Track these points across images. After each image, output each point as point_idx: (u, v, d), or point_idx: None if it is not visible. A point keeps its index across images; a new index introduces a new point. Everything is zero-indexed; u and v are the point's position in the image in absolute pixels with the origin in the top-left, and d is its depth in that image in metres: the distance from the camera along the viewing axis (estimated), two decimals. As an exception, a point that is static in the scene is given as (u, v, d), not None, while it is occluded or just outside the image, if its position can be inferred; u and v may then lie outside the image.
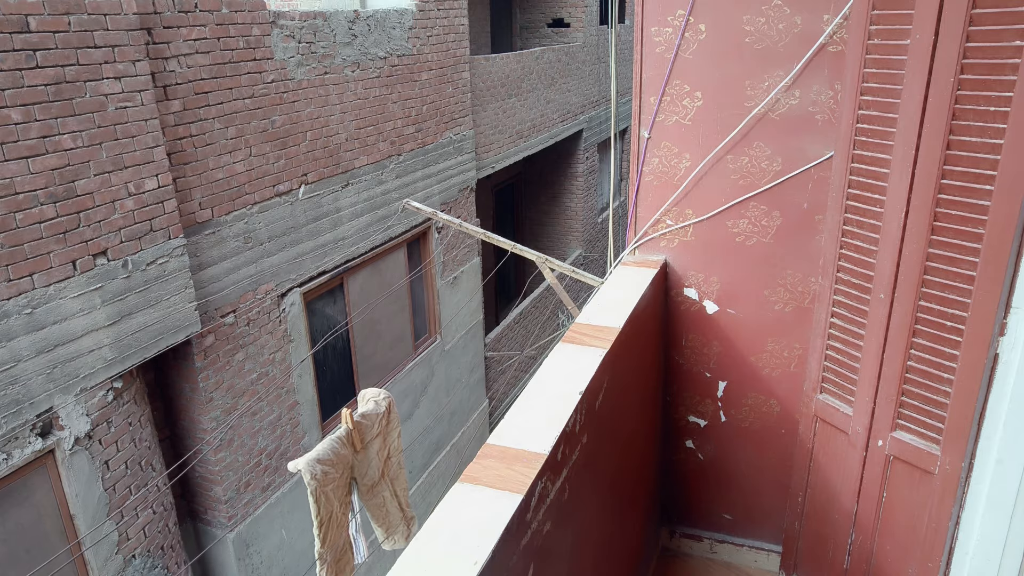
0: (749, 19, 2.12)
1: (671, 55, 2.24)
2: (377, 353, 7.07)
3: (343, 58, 5.96)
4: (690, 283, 2.58)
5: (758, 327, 2.49)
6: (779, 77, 2.14)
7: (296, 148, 5.57)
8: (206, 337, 4.91)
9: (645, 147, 2.44)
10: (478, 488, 1.33)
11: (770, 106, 2.18)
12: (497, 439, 1.49)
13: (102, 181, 4.00)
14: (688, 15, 2.18)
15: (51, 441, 3.95)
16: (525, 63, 9.50)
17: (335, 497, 3.30)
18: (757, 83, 2.18)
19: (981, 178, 1.53)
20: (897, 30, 1.64)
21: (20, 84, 3.55)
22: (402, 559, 1.17)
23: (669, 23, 2.22)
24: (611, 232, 6.76)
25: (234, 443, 5.29)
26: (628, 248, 2.66)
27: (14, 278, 3.62)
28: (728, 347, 2.59)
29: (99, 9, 3.88)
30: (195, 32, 4.59)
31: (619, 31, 12.05)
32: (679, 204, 2.48)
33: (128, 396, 4.44)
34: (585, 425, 1.68)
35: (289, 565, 5.98)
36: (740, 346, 2.56)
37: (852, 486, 2.02)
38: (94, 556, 4.27)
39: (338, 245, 6.19)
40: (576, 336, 1.93)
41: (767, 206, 2.32)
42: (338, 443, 3.35)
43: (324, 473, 3.20)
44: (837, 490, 2.10)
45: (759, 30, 2.12)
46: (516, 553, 1.30)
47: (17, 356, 3.67)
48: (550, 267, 6.15)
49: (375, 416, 3.57)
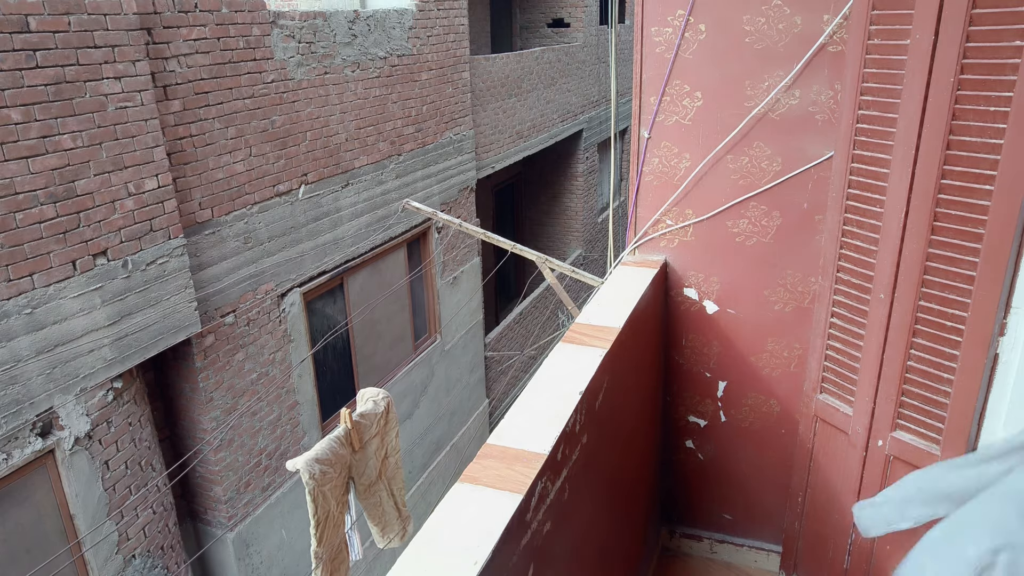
0: (749, 19, 2.12)
1: (671, 55, 2.24)
2: (377, 353, 7.07)
3: (343, 58, 5.96)
4: (690, 283, 2.58)
5: (758, 327, 2.50)
6: (779, 77, 2.14)
7: (296, 148, 5.57)
8: (206, 337, 4.91)
9: (645, 147, 2.44)
10: (478, 488, 1.33)
11: (770, 106, 2.18)
12: (497, 439, 1.49)
13: (102, 181, 4.00)
14: (688, 15, 2.18)
15: (51, 441, 3.95)
16: (525, 63, 9.50)
17: (332, 496, 3.30)
18: (757, 83, 2.18)
19: (981, 178, 1.53)
20: (897, 30, 1.64)
21: (20, 84, 3.55)
22: (402, 559, 1.17)
23: (669, 23, 2.22)
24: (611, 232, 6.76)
25: (234, 443, 5.29)
26: (628, 248, 2.66)
27: (14, 278, 3.62)
28: (728, 347, 2.59)
29: (99, 9, 3.88)
30: (195, 32, 4.59)
31: (619, 31, 12.05)
32: (679, 204, 2.48)
33: (128, 396, 4.44)
34: (585, 425, 1.68)
35: (289, 565, 5.98)
36: (740, 346, 2.56)
37: (852, 486, 2.02)
38: (94, 556, 4.27)
39: (338, 245, 6.19)
40: (576, 336, 1.93)
41: (767, 206, 2.32)
42: (336, 443, 3.35)
43: (322, 472, 3.20)
44: (837, 490, 2.10)
45: (759, 30, 2.12)
46: (516, 553, 1.30)
47: (17, 356, 3.67)
48: (550, 267, 6.16)
49: (374, 416, 3.57)
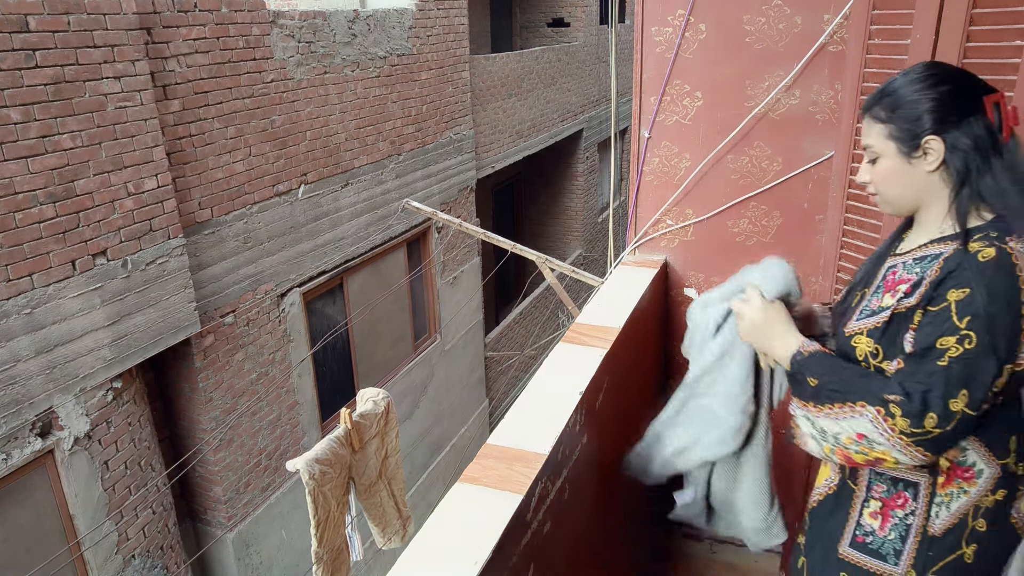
0: (749, 19, 2.12)
1: (671, 55, 2.24)
2: (377, 353, 7.07)
3: (343, 58, 5.95)
4: (690, 283, 2.57)
5: (758, 327, 2.49)
6: (779, 77, 2.14)
7: (296, 148, 5.57)
8: (206, 337, 4.91)
9: (645, 147, 2.44)
10: (478, 488, 1.33)
11: (770, 106, 2.18)
12: (497, 439, 1.49)
13: (101, 181, 3.99)
14: (688, 15, 2.18)
15: (51, 441, 3.95)
16: (525, 63, 9.50)
17: (333, 497, 3.30)
18: (757, 83, 2.18)
19: (981, 178, 1.53)
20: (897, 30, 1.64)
21: (20, 84, 3.55)
22: (402, 559, 1.17)
23: (669, 23, 2.22)
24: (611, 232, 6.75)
25: (234, 443, 5.29)
26: (628, 248, 2.65)
27: (14, 278, 3.62)
28: (728, 347, 2.58)
29: (98, 9, 3.87)
30: (194, 32, 4.59)
31: (619, 31, 12.04)
32: (679, 204, 2.48)
33: (128, 396, 4.43)
34: (585, 425, 1.68)
35: (289, 565, 5.98)
36: (740, 346, 2.56)
37: (852, 486, 2.02)
38: (93, 556, 4.26)
39: (338, 245, 6.19)
40: (576, 336, 1.92)
41: (767, 206, 2.31)
42: (336, 443, 3.35)
43: (322, 473, 3.20)
44: (837, 490, 2.10)
45: (759, 30, 2.12)
46: (516, 553, 1.30)
47: (17, 356, 3.67)
48: (550, 267, 6.15)
49: (374, 416, 3.57)
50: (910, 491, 1.27)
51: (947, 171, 1.21)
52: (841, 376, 1.22)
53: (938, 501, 1.24)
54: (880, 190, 1.30)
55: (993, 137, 1.19)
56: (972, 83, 1.22)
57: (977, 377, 1.09)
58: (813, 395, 1.24)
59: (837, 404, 1.19)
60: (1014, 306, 1.10)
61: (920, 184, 1.24)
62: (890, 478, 1.29)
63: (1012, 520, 1.26)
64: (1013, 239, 1.14)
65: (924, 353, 1.13)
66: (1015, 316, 1.10)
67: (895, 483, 1.28)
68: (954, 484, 1.23)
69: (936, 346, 1.12)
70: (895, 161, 1.25)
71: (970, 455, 1.22)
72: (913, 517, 1.27)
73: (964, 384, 1.09)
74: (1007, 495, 1.23)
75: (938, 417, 1.09)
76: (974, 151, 1.18)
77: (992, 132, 1.19)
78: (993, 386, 1.11)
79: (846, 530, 1.35)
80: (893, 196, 1.29)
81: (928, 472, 1.24)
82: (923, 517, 1.26)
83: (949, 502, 1.24)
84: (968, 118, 1.19)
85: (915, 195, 1.26)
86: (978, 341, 1.09)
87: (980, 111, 1.19)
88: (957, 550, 1.25)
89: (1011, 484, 1.24)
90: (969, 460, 1.22)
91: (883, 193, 1.30)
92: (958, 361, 1.10)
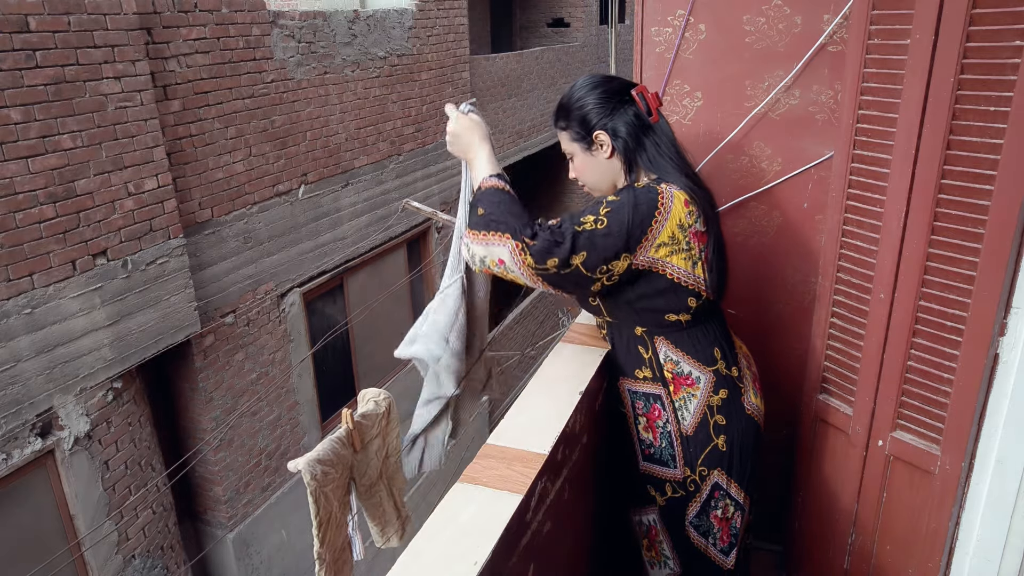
0: (749, 19, 2.12)
1: (671, 55, 2.24)
2: (377, 353, 7.07)
3: (343, 58, 5.96)
4: (690, 283, 2.56)
5: (758, 327, 2.49)
6: (779, 77, 2.14)
7: (296, 148, 5.57)
8: (206, 337, 4.91)
9: (645, 147, 2.43)
10: (478, 488, 1.33)
11: (770, 106, 2.18)
12: (497, 439, 1.49)
13: (102, 181, 3.99)
14: (688, 15, 2.18)
15: (51, 441, 3.95)
16: (525, 63, 9.50)
17: (334, 497, 3.29)
18: (757, 83, 2.18)
19: (981, 178, 1.53)
20: (897, 30, 1.64)
21: (20, 84, 3.55)
22: (402, 559, 1.17)
23: (669, 23, 2.22)
24: (611, 232, 6.77)
25: (234, 443, 5.29)
26: (628, 248, 2.65)
27: (14, 278, 3.62)
28: (728, 347, 2.58)
29: (99, 9, 3.87)
30: (195, 32, 4.59)
31: (619, 31, 12.04)
32: (679, 204, 2.47)
33: (128, 396, 4.43)
34: (585, 425, 1.68)
35: (289, 565, 5.98)
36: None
37: (852, 486, 2.02)
38: (94, 556, 4.27)
39: (338, 245, 6.19)
40: (576, 336, 1.92)
41: (767, 206, 2.31)
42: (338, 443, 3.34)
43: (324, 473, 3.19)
44: (837, 490, 2.09)
45: (759, 30, 2.12)
46: (516, 553, 1.30)
47: (17, 356, 3.67)
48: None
49: (375, 416, 3.56)
50: (659, 403, 1.57)
51: (619, 154, 1.53)
52: (500, 210, 1.45)
53: (678, 406, 1.55)
54: (583, 181, 1.62)
55: (642, 120, 1.52)
56: (618, 82, 1.54)
57: (596, 248, 1.38)
58: (477, 223, 1.46)
59: (492, 232, 1.42)
60: (646, 218, 1.41)
61: (605, 169, 1.57)
62: (642, 394, 1.60)
63: (748, 412, 1.59)
64: (666, 184, 1.46)
65: (571, 219, 1.42)
66: (642, 222, 1.40)
67: (647, 398, 1.59)
68: (682, 391, 1.55)
69: (581, 219, 1.41)
70: (582, 157, 1.58)
71: (683, 366, 1.55)
72: (669, 424, 1.57)
73: (585, 249, 1.38)
74: (730, 393, 1.56)
75: (559, 263, 1.38)
76: (628, 135, 1.51)
77: (641, 117, 1.52)
78: (609, 264, 1.40)
79: (636, 448, 1.65)
80: (593, 183, 1.61)
81: (662, 384, 1.56)
82: (675, 423, 1.56)
83: (686, 404, 1.55)
84: (619, 109, 1.51)
85: (607, 177, 1.58)
86: (607, 224, 1.39)
87: (629, 102, 1.52)
88: (710, 442, 1.55)
89: (730, 384, 1.56)
90: (685, 370, 1.55)
91: (586, 182, 1.62)
92: (588, 233, 1.39)
